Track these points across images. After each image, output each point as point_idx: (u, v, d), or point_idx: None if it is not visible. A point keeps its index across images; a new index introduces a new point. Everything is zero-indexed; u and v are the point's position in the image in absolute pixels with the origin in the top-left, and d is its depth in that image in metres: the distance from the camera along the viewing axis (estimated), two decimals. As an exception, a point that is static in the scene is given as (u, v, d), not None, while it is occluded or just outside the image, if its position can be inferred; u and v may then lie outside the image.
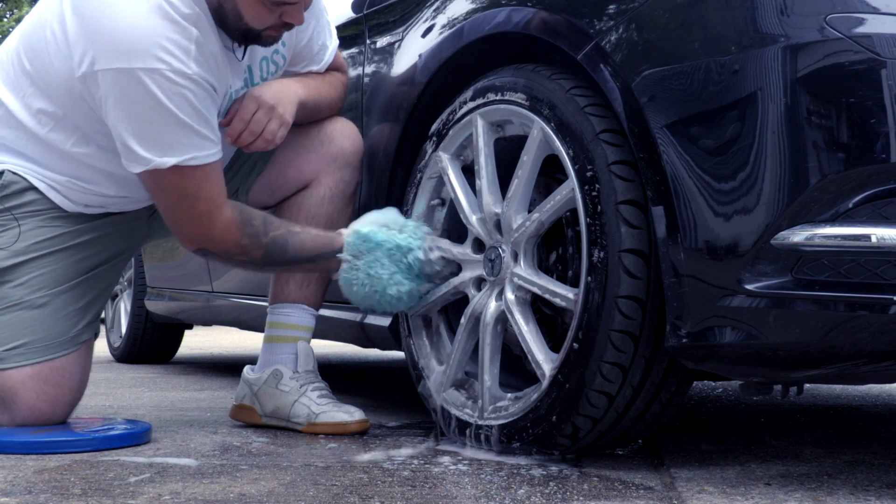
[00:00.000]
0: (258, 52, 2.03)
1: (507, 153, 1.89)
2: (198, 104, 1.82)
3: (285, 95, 2.04)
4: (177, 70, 1.77)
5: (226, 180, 2.18)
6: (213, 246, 1.96)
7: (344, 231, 2.02)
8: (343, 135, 2.20)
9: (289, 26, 1.93)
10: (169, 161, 1.82)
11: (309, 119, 2.15)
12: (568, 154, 1.68)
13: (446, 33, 2.02)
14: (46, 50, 1.88)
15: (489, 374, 1.81)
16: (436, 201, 2.04)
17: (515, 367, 1.96)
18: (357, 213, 2.26)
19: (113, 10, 1.76)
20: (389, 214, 2.02)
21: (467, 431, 1.84)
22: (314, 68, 2.18)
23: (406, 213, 2.06)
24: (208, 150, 1.86)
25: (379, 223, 2.00)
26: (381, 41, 2.33)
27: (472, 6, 1.97)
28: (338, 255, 1.99)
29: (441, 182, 2.00)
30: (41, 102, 1.94)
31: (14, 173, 2.00)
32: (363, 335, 2.36)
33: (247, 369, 2.25)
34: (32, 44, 1.92)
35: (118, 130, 1.82)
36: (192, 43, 1.79)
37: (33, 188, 2.01)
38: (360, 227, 2.00)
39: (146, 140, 1.81)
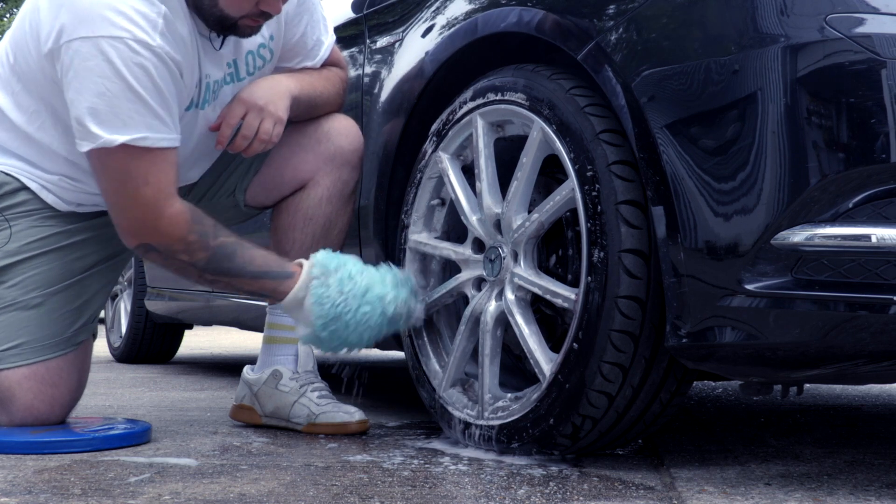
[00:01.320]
0: (244, 45, 2.00)
1: (508, 153, 1.88)
2: (158, 79, 1.78)
3: (276, 92, 2.00)
4: (139, 40, 1.75)
5: (223, 180, 2.18)
6: (156, 239, 1.86)
7: (304, 261, 1.93)
8: (341, 133, 2.17)
9: (266, 16, 1.89)
10: (118, 139, 1.77)
11: (306, 116, 2.13)
12: (568, 154, 1.67)
13: (449, 32, 2.01)
14: (26, 41, 1.88)
15: (489, 374, 1.81)
16: (436, 201, 2.04)
17: (515, 367, 1.96)
18: (357, 213, 2.26)
19: None
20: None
21: (467, 431, 1.84)
22: (308, 64, 2.14)
23: (406, 213, 2.06)
24: (162, 134, 1.81)
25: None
26: (382, 41, 2.33)
27: (472, 6, 1.97)
28: (311, 272, 1.88)
29: (441, 182, 2.00)
30: (26, 98, 1.93)
31: (6, 174, 2.00)
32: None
33: (246, 369, 2.25)
34: (16, 39, 1.92)
35: (74, 105, 1.78)
36: (159, 17, 1.77)
37: (25, 188, 2.00)
38: (328, 250, 1.95)
39: (98, 115, 1.76)
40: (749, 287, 1.43)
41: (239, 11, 1.86)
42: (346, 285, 1.87)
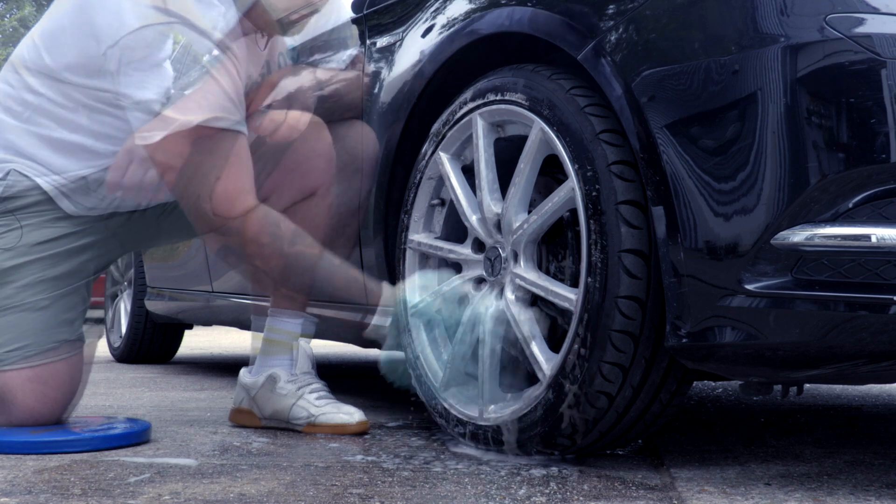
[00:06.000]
0: (276, 48, 2.02)
1: (507, 153, 1.89)
2: (227, 62, 1.79)
3: (304, 83, 2.01)
4: (202, 28, 1.77)
5: None
6: (229, 237, 1.84)
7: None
8: (356, 141, 2.15)
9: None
10: (193, 119, 1.76)
11: (328, 116, 2.12)
12: (568, 154, 1.68)
13: (449, 32, 2.01)
14: (63, 38, 1.88)
15: (489, 373, 1.81)
16: (436, 201, 2.04)
17: (516, 367, 1.96)
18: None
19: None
20: None
21: (467, 431, 1.84)
22: (333, 65, 2.16)
23: (406, 213, 2.06)
24: (236, 118, 1.81)
25: None
26: (381, 41, 2.33)
27: (472, 6, 1.97)
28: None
29: (441, 182, 2.00)
30: (59, 96, 1.93)
31: (20, 173, 1.99)
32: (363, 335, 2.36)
33: (243, 372, 2.24)
34: (51, 31, 1.91)
35: (139, 95, 1.77)
36: (220, 16, 1.80)
37: (39, 189, 2.00)
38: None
39: (170, 99, 1.76)
40: (749, 287, 1.43)
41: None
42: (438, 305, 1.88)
